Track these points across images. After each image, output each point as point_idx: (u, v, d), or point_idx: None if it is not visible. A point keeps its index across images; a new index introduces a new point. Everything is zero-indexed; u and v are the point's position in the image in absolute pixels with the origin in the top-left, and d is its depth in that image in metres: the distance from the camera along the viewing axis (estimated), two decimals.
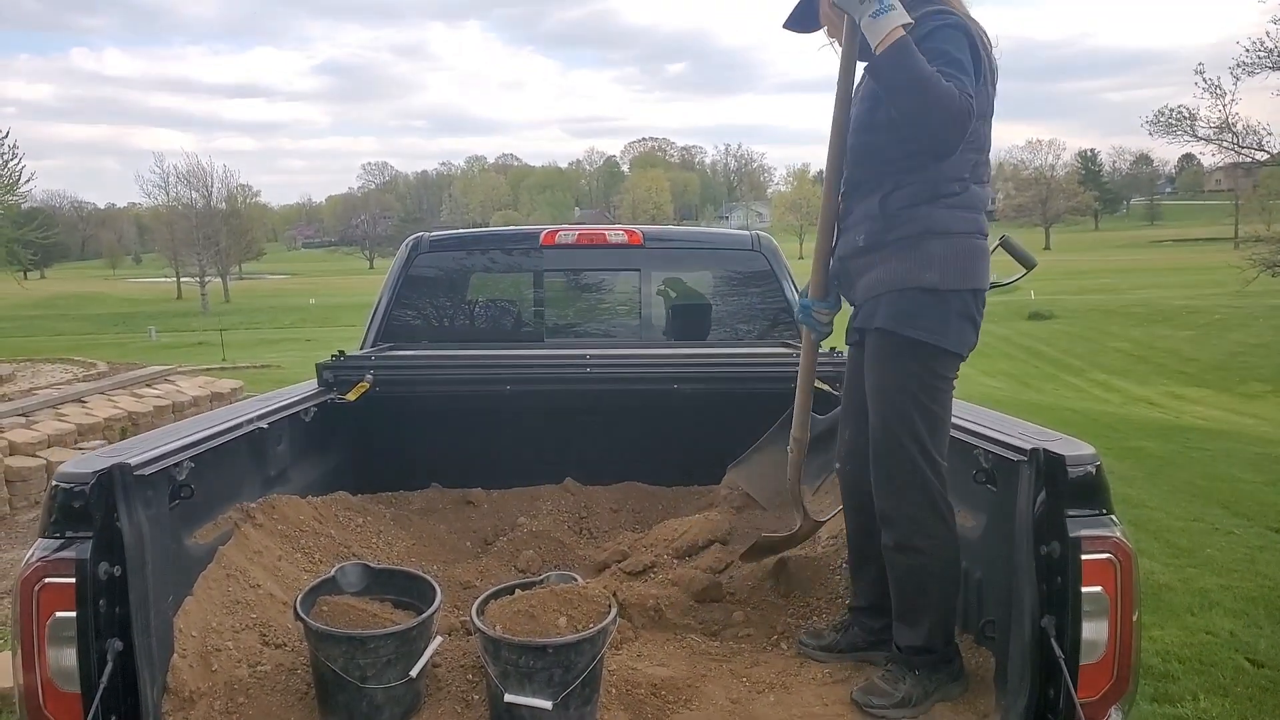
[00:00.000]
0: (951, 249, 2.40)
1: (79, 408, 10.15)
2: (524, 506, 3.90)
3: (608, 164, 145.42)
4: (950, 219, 2.41)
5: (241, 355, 24.72)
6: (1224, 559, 6.05)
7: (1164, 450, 10.26)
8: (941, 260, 2.39)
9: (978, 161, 2.45)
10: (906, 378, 2.42)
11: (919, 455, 2.40)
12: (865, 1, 2.21)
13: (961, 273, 2.41)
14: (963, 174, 2.42)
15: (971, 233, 2.44)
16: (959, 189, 2.42)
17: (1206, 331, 28.17)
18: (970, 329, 2.45)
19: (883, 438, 2.45)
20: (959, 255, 2.41)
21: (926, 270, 2.39)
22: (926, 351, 2.41)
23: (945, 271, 2.39)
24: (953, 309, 2.41)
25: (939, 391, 2.43)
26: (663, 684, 2.43)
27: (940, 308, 2.40)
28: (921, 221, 2.40)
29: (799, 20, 2.65)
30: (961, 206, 2.42)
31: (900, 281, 2.41)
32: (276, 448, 3.22)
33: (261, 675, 2.41)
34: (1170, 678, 4.24)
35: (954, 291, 2.40)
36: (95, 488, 2.05)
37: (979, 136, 2.43)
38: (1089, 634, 2.13)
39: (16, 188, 20.25)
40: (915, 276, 2.40)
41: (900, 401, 2.42)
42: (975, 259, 2.44)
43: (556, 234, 4.77)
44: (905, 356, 2.42)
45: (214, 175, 56.75)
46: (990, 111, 2.45)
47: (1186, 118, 27.95)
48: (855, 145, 2.52)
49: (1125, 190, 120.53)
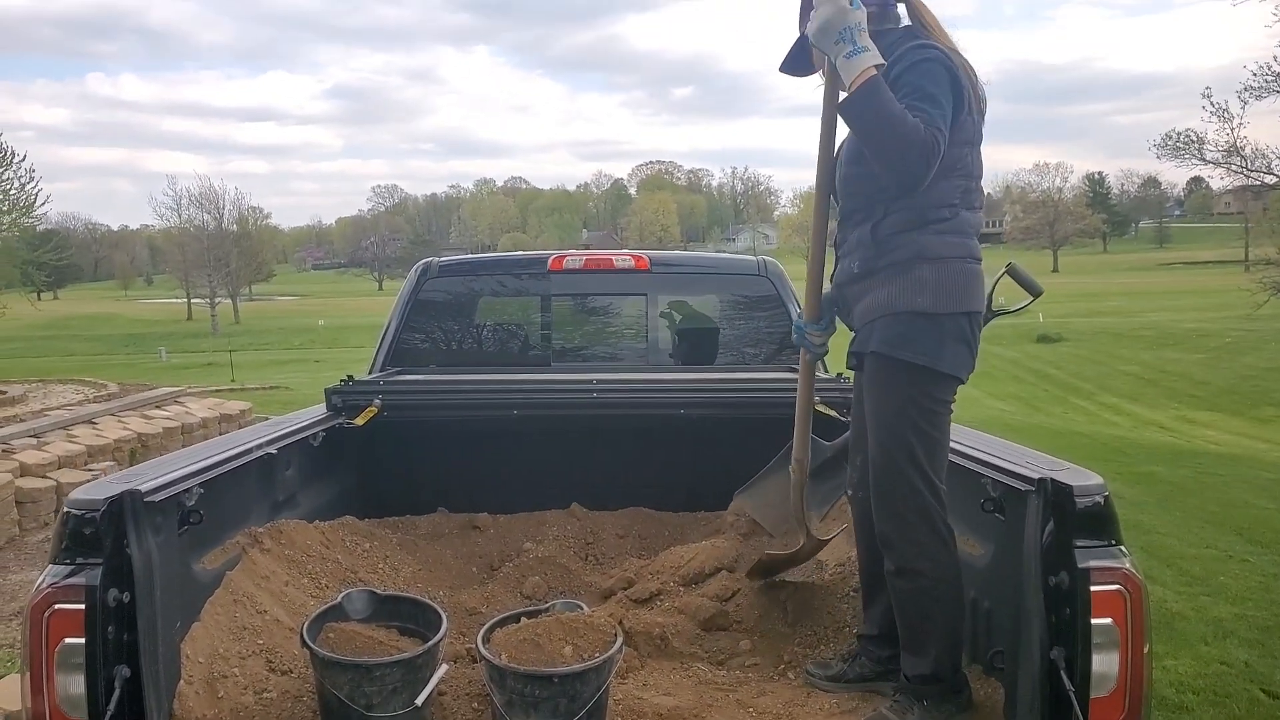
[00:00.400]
0: (943, 273, 2.42)
1: (89, 429, 10.20)
2: (530, 532, 3.89)
3: (615, 186, 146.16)
4: (940, 244, 2.43)
5: (251, 376, 24.80)
6: (1238, 587, 5.99)
7: (1175, 475, 10.19)
8: (934, 285, 2.40)
9: (967, 188, 2.47)
10: (903, 401, 2.42)
11: (918, 479, 2.40)
12: (840, 43, 2.31)
13: (954, 296, 2.42)
14: (952, 200, 2.44)
15: (963, 257, 2.45)
16: (949, 214, 2.44)
17: (1217, 355, 28.05)
18: (965, 352, 2.45)
19: (881, 461, 2.46)
20: (951, 279, 2.42)
21: (919, 295, 2.41)
22: (922, 375, 2.42)
23: (938, 295, 2.40)
24: (947, 332, 2.42)
25: (936, 415, 2.44)
26: (669, 714, 2.42)
27: (935, 331, 2.41)
28: (911, 247, 2.42)
29: (793, 64, 2.68)
30: (951, 232, 2.44)
31: (894, 305, 2.43)
32: (285, 473, 3.23)
33: (267, 702, 2.40)
34: (1184, 709, 4.20)
35: (948, 315, 2.41)
36: (106, 514, 2.06)
37: (967, 163, 2.45)
38: (1099, 666, 2.11)
39: (33, 210, 20.46)
40: (908, 301, 2.41)
41: (897, 425, 2.42)
42: (968, 282, 2.46)
43: (564, 259, 4.80)
44: (901, 380, 2.43)
45: (225, 197, 57.38)
46: (978, 139, 2.49)
47: (1194, 141, 27.90)
48: (847, 176, 2.57)
49: (1134, 213, 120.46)
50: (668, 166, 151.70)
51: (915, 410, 2.41)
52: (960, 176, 2.44)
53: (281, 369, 28.74)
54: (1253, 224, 41.12)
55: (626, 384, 3.92)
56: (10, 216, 19.74)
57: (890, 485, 2.44)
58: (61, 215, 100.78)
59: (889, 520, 2.45)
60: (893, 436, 2.43)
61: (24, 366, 26.41)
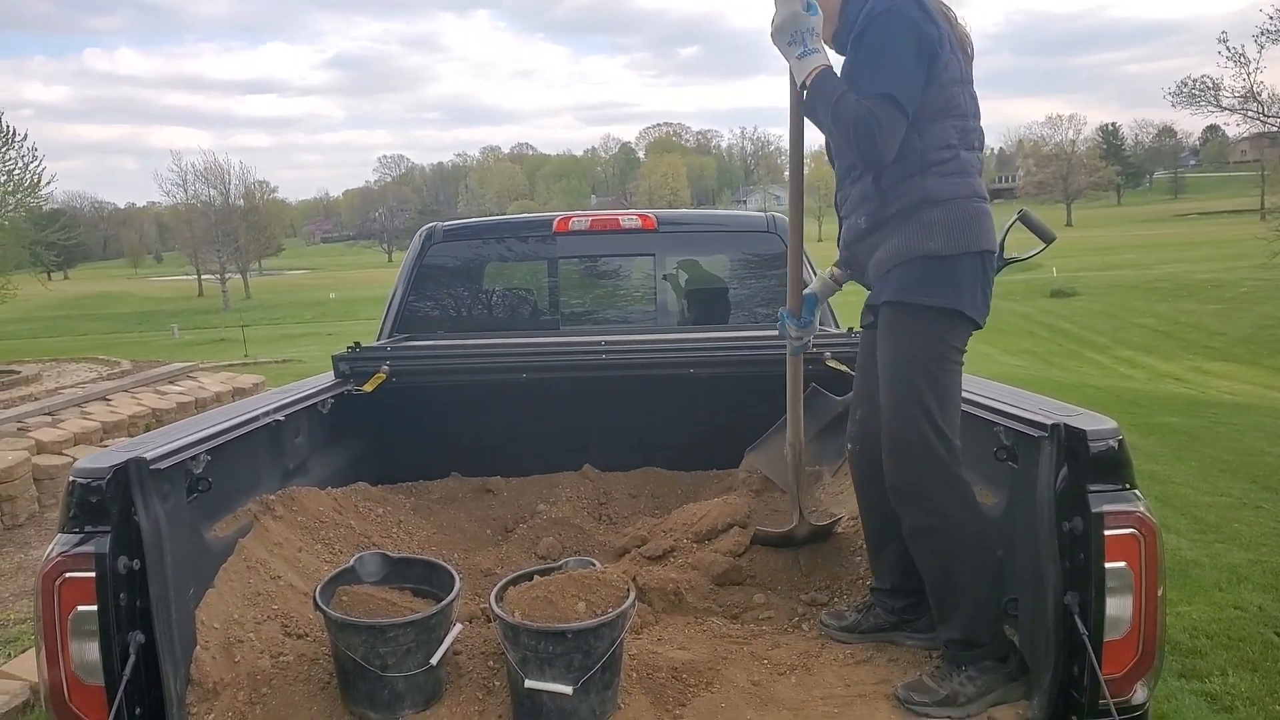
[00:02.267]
0: (951, 214, 2.39)
1: (104, 406, 10.25)
2: (543, 494, 3.90)
3: (623, 150, 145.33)
4: (945, 186, 2.40)
5: (263, 351, 24.88)
6: (1252, 533, 5.98)
7: (1190, 426, 10.15)
8: (944, 226, 2.38)
9: (964, 128, 2.44)
10: (917, 349, 2.39)
11: (929, 429, 2.35)
12: (793, 44, 2.44)
13: (965, 236, 2.39)
14: (950, 141, 2.41)
15: (968, 196, 2.42)
16: (948, 155, 2.41)
17: (1233, 305, 27.83)
18: (980, 292, 2.42)
19: (893, 411, 2.42)
20: (960, 219, 2.39)
21: (930, 238, 2.38)
22: (938, 319, 2.38)
23: (949, 236, 2.37)
24: (963, 273, 2.39)
25: (949, 362, 2.40)
26: (683, 667, 2.42)
27: (949, 273, 2.38)
28: (916, 193, 2.40)
29: None
30: (954, 173, 2.41)
31: (906, 252, 2.40)
32: (294, 440, 3.23)
33: (284, 665, 2.42)
34: (1198, 653, 4.20)
35: (961, 256, 2.38)
36: (112, 482, 2.06)
37: (959, 103, 2.42)
38: (1113, 610, 2.10)
39: (38, 189, 20.40)
40: (919, 245, 2.38)
41: (910, 374, 2.39)
42: (977, 221, 2.42)
43: (570, 220, 4.76)
44: (916, 326, 2.40)
45: (231, 172, 57.16)
46: (967, 78, 2.46)
47: (1210, 88, 27.62)
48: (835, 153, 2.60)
49: (1148, 164, 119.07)
50: (676, 129, 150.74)
51: (928, 357, 2.38)
52: (955, 117, 2.41)
53: (294, 343, 28.82)
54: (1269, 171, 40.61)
55: (636, 345, 3.90)
56: (15, 197, 19.72)
57: (903, 439, 2.39)
58: (67, 194, 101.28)
59: (901, 475, 2.41)
60: (906, 386, 2.39)
61: (38, 346, 26.58)
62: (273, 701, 2.29)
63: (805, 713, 2.26)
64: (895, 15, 2.33)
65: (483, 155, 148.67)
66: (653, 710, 2.27)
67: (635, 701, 2.30)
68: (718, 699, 2.32)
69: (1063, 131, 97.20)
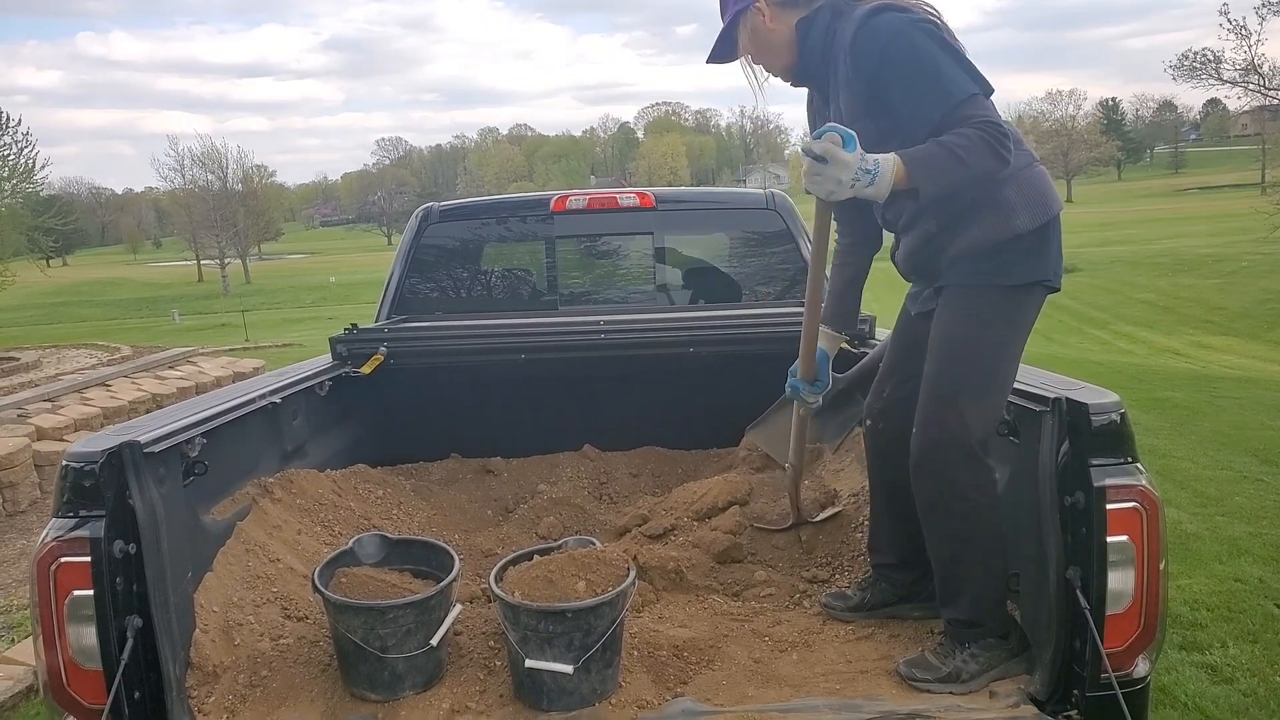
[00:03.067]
0: (1025, 187, 2.31)
1: (103, 391, 10.25)
2: (544, 474, 3.90)
3: (622, 130, 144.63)
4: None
5: (264, 335, 24.87)
6: (1253, 506, 5.98)
7: (1191, 400, 10.14)
8: (1022, 201, 2.30)
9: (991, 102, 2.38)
10: (1004, 327, 2.31)
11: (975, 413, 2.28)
12: (857, 184, 2.16)
13: (1042, 204, 2.32)
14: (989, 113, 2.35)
15: (1029, 164, 2.36)
16: None
17: (1233, 279, 27.79)
18: (1059, 256, 2.37)
19: (942, 388, 2.32)
20: (1033, 189, 2.32)
21: (1014, 218, 2.29)
22: (1025, 294, 2.33)
23: (1030, 210, 2.30)
24: (1049, 242, 2.33)
25: (1023, 339, 2.35)
26: (685, 645, 2.42)
27: (1036, 245, 2.31)
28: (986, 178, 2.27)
29: (719, 54, 2.55)
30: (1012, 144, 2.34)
31: (995, 239, 2.29)
32: (292, 422, 3.22)
33: (284, 648, 2.41)
34: (1198, 626, 4.21)
35: (1044, 225, 2.32)
36: (105, 466, 2.05)
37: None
38: (1115, 584, 2.10)
39: (33, 175, 20.37)
40: (1007, 227, 2.29)
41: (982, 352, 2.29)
42: (1046, 185, 2.37)
43: (567, 199, 4.73)
44: (1006, 304, 2.31)
45: (228, 156, 57.01)
46: None
47: (1211, 61, 27.48)
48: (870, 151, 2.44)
49: (1149, 139, 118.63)
50: (675, 108, 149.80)
51: (1014, 334, 2.32)
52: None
53: (295, 327, 28.82)
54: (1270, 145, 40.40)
55: (634, 324, 3.88)
56: (11, 183, 19.68)
57: (943, 417, 2.30)
58: (64, 180, 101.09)
59: (930, 452, 2.32)
60: (971, 368, 2.29)
61: (37, 333, 26.55)
62: (273, 684, 2.29)
63: (807, 689, 2.25)
64: (899, 35, 2.23)
65: (481, 137, 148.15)
66: (654, 688, 2.27)
67: (636, 680, 2.29)
68: (719, 676, 2.31)
69: (1063, 107, 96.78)
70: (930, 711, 2.15)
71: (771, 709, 2.17)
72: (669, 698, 2.24)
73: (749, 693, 2.24)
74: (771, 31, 2.43)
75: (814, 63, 2.44)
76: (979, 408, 2.29)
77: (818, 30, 2.40)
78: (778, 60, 2.49)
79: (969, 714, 2.15)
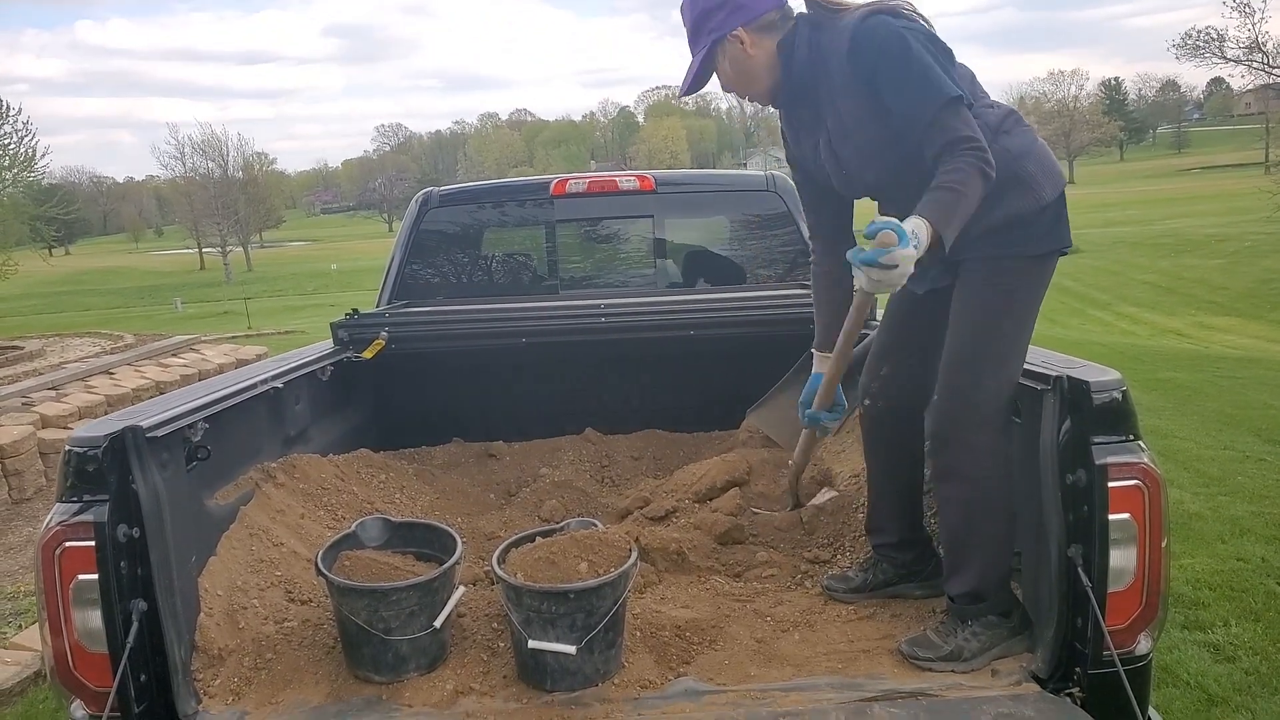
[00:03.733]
0: (1039, 159, 2.36)
1: (107, 379, 10.26)
2: (546, 457, 3.90)
3: (622, 114, 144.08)
4: (1018, 139, 2.35)
5: (267, 323, 24.89)
6: (1255, 486, 5.99)
7: (1193, 380, 10.14)
8: (1040, 173, 2.34)
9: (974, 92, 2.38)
10: (1021, 297, 2.34)
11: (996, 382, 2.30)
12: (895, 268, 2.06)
13: (1055, 174, 2.38)
14: (986, 98, 2.41)
15: (1036, 139, 2.40)
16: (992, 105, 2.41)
17: (1236, 259, 27.72)
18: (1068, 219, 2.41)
19: (964, 361, 2.32)
20: (1046, 161, 2.38)
21: (1040, 189, 2.33)
22: (1043, 262, 2.36)
23: (1048, 179, 2.35)
24: (1062, 209, 2.38)
25: (1038, 304, 2.38)
26: (687, 625, 2.43)
27: (1056, 213, 2.36)
28: (1001, 156, 2.27)
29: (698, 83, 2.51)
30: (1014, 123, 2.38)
31: (1025, 212, 2.32)
32: (294, 407, 3.22)
33: (288, 631, 2.42)
34: (1201, 605, 4.22)
35: (1060, 193, 2.38)
36: (108, 451, 2.05)
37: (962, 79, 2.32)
38: (1117, 561, 2.10)
39: (33, 164, 20.34)
40: (1036, 199, 2.32)
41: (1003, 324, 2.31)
42: (1053, 156, 2.42)
43: (567, 182, 4.72)
44: (1021, 274, 2.33)
45: (229, 144, 57.02)
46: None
47: (1215, 39, 27.34)
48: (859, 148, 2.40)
49: (1151, 119, 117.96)
50: (674, 91, 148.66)
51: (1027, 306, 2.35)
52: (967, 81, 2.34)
53: (297, 314, 28.83)
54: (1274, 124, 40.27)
55: (635, 308, 3.88)
56: (12, 172, 19.67)
57: (967, 388, 2.31)
58: (65, 169, 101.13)
59: (952, 424, 2.33)
60: (993, 337, 2.31)
61: (41, 322, 26.60)
62: (277, 667, 2.30)
63: (809, 669, 2.26)
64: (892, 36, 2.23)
65: (481, 122, 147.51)
66: (657, 668, 2.28)
67: (639, 660, 2.30)
68: (721, 656, 2.32)
69: (1065, 87, 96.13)
70: (932, 690, 2.16)
71: (774, 688, 2.18)
72: (671, 677, 2.25)
73: (751, 672, 2.25)
74: (752, 59, 2.40)
75: (799, 80, 2.41)
76: (999, 377, 2.32)
77: (800, 47, 2.38)
78: (759, 85, 2.46)
79: (971, 692, 2.16)
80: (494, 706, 2.17)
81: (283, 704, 2.19)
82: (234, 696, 2.21)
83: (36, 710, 3.87)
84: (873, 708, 2.10)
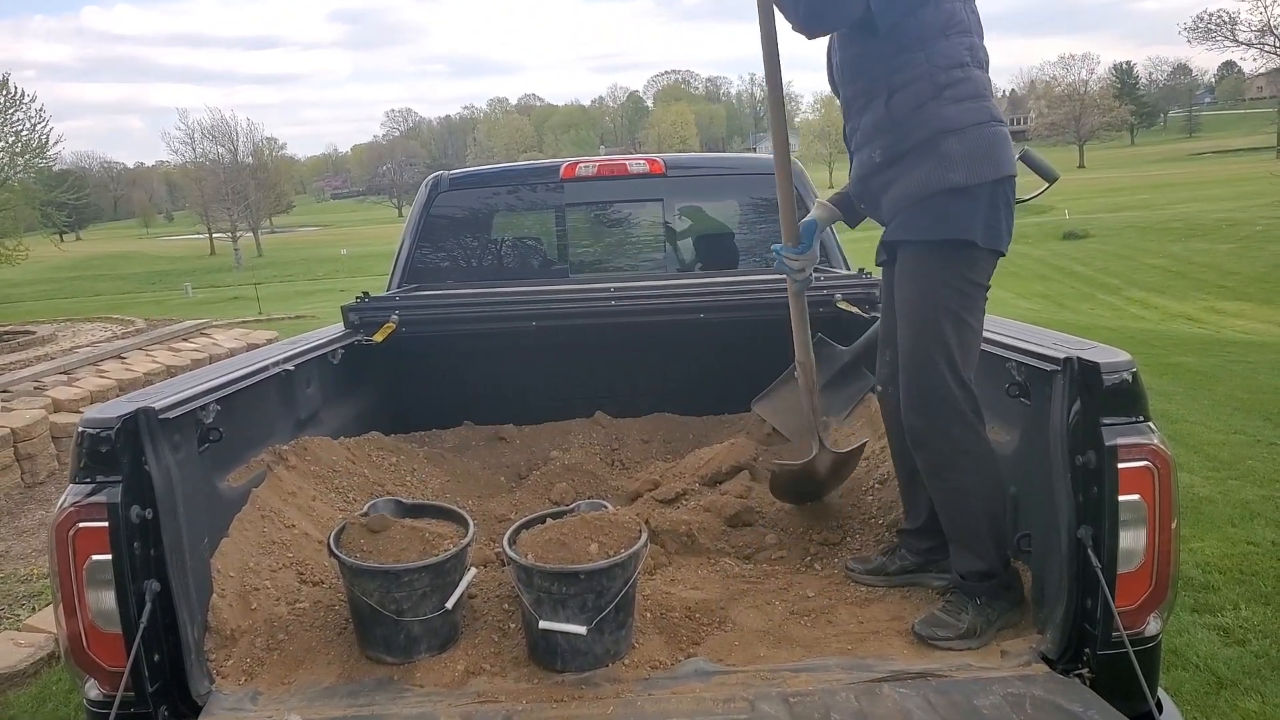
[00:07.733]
0: (969, 142, 2.32)
1: (118, 364, 10.32)
2: (556, 440, 3.91)
3: (631, 99, 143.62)
4: (960, 113, 2.33)
5: (277, 308, 24.90)
6: (1266, 470, 5.96)
7: (1203, 365, 10.08)
8: (963, 156, 2.31)
9: (972, 45, 2.37)
10: (940, 286, 2.34)
11: (947, 371, 2.33)
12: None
13: (986, 164, 2.33)
14: (962, 59, 2.34)
15: (985, 122, 2.35)
16: (960, 76, 2.34)
17: (1247, 244, 27.49)
18: (1003, 221, 2.36)
19: (911, 354, 2.39)
20: (979, 147, 2.33)
21: (950, 171, 2.31)
22: (960, 254, 2.34)
23: (970, 167, 2.31)
24: (982, 203, 2.33)
25: (972, 300, 2.36)
26: (697, 607, 2.44)
27: (970, 204, 2.32)
28: (933, 123, 2.32)
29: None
30: (969, 97, 2.34)
31: (926, 188, 2.33)
32: (305, 390, 3.24)
33: (300, 612, 2.44)
34: (1211, 588, 4.21)
35: (982, 185, 2.32)
36: (121, 432, 2.06)
37: (962, 18, 2.35)
38: (1126, 543, 2.09)
39: (45, 150, 20.41)
40: (939, 179, 2.32)
41: (933, 314, 2.34)
42: (996, 146, 2.35)
43: (577, 166, 4.71)
44: (939, 263, 2.35)
45: (238, 130, 57.11)
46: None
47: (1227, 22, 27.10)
48: (844, 61, 2.49)
49: (1162, 103, 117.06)
50: (684, 76, 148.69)
51: (952, 295, 2.34)
52: (961, 33, 2.34)
53: (307, 299, 28.84)
54: None
55: (645, 291, 3.87)
56: (24, 158, 19.74)
57: (921, 380, 2.36)
58: (75, 155, 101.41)
59: (919, 416, 2.39)
60: (927, 327, 2.35)
61: (52, 307, 26.69)
62: (290, 647, 2.32)
63: (819, 650, 2.27)
64: None
65: (490, 107, 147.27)
66: (667, 649, 2.29)
67: (649, 641, 2.31)
68: (731, 638, 2.33)
69: (1075, 71, 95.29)
70: (942, 670, 2.17)
71: (783, 669, 2.19)
72: (681, 658, 2.26)
73: (760, 653, 2.26)
74: None
75: None
76: (956, 364, 2.33)
77: None
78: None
79: (980, 673, 2.16)
80: (505, 687, 2.18)
81: (295, 684, 2.20)
82: (246, 677, 2.22)
83: (50, 691, 3.91)
84: (882, 688, 2.11)
